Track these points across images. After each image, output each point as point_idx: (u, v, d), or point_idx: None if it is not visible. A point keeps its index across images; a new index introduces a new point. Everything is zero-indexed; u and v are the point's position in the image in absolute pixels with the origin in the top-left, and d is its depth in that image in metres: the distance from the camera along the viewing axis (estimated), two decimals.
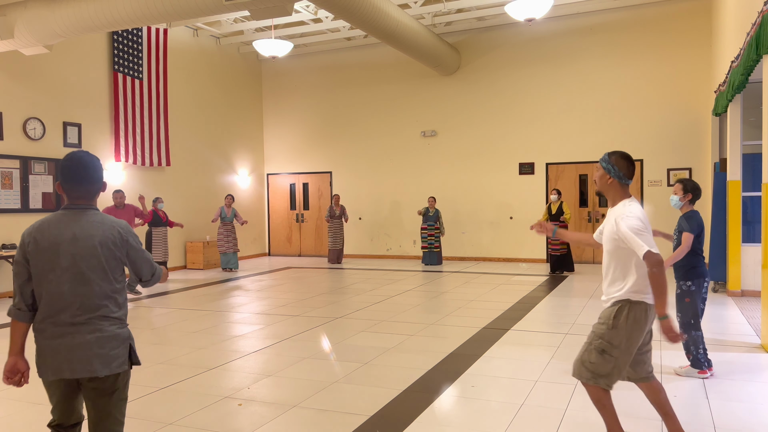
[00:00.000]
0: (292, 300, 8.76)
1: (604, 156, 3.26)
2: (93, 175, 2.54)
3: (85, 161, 2.53)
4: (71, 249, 2.45)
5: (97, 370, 2.45)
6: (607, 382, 3.15)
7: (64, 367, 2.44)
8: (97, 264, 2.47)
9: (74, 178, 2.51)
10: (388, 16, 10.18)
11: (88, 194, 2.55)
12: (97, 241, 2.47)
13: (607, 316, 3.18)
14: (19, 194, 9.74)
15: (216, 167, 14.22)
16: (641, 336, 3.15)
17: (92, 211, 2.55)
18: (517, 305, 7.99)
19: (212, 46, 14.14)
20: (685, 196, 4.76)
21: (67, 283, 2.44)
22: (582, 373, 3.21)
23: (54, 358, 2.45)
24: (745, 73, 6.69)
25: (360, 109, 14.76)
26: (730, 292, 8.52)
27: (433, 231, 12.71)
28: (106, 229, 2.51)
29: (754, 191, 8.71)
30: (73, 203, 2.54)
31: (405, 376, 4.87)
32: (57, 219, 2.50)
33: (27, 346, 2.56)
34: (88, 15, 8.58)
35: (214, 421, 3.96)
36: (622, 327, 3.11)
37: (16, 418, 4.12)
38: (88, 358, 2.44)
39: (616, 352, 3.12)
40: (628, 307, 3.11)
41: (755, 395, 4.36)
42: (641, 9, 12.16)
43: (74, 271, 2.44)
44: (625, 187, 3.21)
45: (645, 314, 3.12)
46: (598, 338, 3.18)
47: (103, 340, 2.47)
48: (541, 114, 13.03)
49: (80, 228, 2.48)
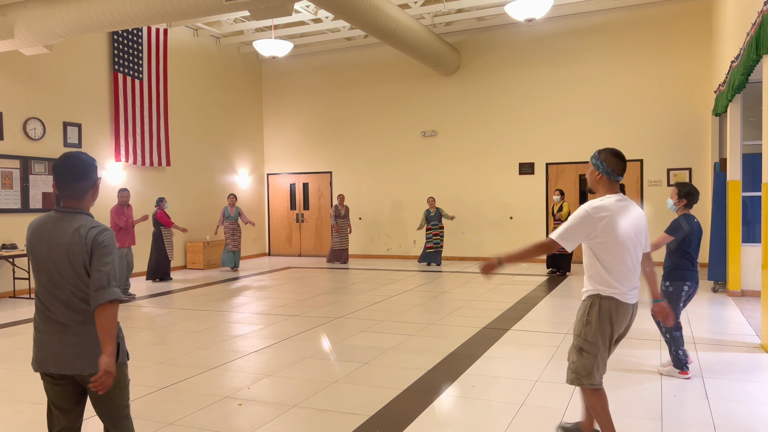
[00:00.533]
0: (292, 300, 8.77)
1: (594, 153, 3.29)
2: (78, 174, 2.52)
3: (72, 160, 2.52)
4: (47, 253, 2.50)
5: (79, 368, 2.51)
6: (591, 381, 3.17)
7: (50, 362, 2.52)
8: (66, 270, 2.48)
9: (61, 177, 2.53)
10: (388, 16, 10.19)
11: (74, 194, 2.54)
12: (65, 249, 2.48)
13: (581, 312, 3.23)
14: (19, 194, 9.74)
15: (216, 167, 14.23)
16: (613, 331, 3.16)
17: (75, 215, 2.53)
18: (517, 305, 7.99)
19: (212, 46, 14.14)
20: (679, 201, 4.80)
21: (47, 285, 2.51)
22: (568, 375, 3.27)
23: (41, 351, 2.54)
24: (745, 73, 6.69)
25: (360, 109, 14.77)
26: (730, 292, 8.52)
27: (437, 231, 12.70)
28: (77, 236, 2.48)
29: (754, 191, 8.71)
30: (64, 205, 2.56)
31: (405, 376, 4.87)
32: (43, 221, 2.56)
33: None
34: (88, 15, 8.58)
35: (214, 421, 3.96)
36: (594, 322, 3.15)
37: (16, 418, 4.12)
38: (72, 356, 2.51)
39: (593, 349, 3.15)
40: (599, 301, 3.15)
41: (755, 395, 4.36)
42: (641, 9, 12.16)
43: (50, 274, 2.50)
44: (614, 183, 3.22)
45: (617, 310, 3.12)
46: (576, 336, 3.24)
47: (87, 341, 2.52)
48: (541, 114, 13.03)
49: (56, 233, 2.50)
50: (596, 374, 3.17)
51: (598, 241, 3.10)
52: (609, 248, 3.09)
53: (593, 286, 3.17)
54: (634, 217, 3.18)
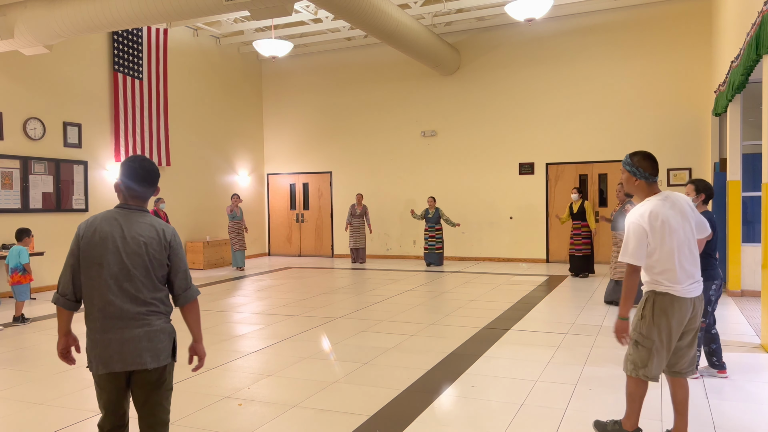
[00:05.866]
0: (292, 300, 8.77)
1: (625, 159, 3.34)
2: (154, 179, 2.70)
3: (152, 166, 2.70)
4: (119, 245, 2.56)
5: (147, 362, 2.56)
6: (645, 373, 3.24)
7: (115, 359, 2.54)
8: (141, 262, 2.57)
9: (140, 180, 2.65)
10: (388, 16, 10.18)
11: (145, 194, 2.69)
12: (143, 240, 2.59)
13: (639, 307, 3.32)
14: (19, 194, 9.74)
15: (216, 167, 14.23)
16: (671, 327, 3.20)
17: (142, 212, 2.67)
18: (517, 305, 7.99)
19: (212, 46, 14.14)
20: (698, 196, 4.73)
21: (114, 278, 2.55)
22: (626, 365, 3.36)
23: (105, 350, 2.55)
24: (745, 73, 6.69)
25: (360, 109, 14.76)
26: (730, 292, 8.52)
27: (434, 232, 12.67)
28: (154, 230, 2.63)
29: (754, 191, 8.72)
30: (126, 203, 2.67)
31: (405, 376, 4.87)
32: (110, 216, 2.63)
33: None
34: (88, 15, 8.58)
35: (214, 421, 3.96)
36: (648, 317, 3.23)
37: (16, 418, 4.12)
38: (138, 351, 2.55)
39: (648, 343, 3.23)
40: (654, 297, 3.23)
41: (755, 395, 4.36)
42: (641, 9, 12.16)
43: (121, 267, 2.55)
44: (653, 185, 3.29)
45: (671, 305, 3.18)
46: (633, 329, 3.31)
47: (151, 333, 2.58)
48: (541, 114, 13.03)
49: (129, 226, 2.60)
50: (652, 367, 3.24)
51: (651, 247, 3.17)
52: (660, 250, 3.16)
53: (649, 282, 3.26)
54: (682, 212, 3.23)
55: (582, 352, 5.51)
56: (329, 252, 15.32)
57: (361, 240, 13.55)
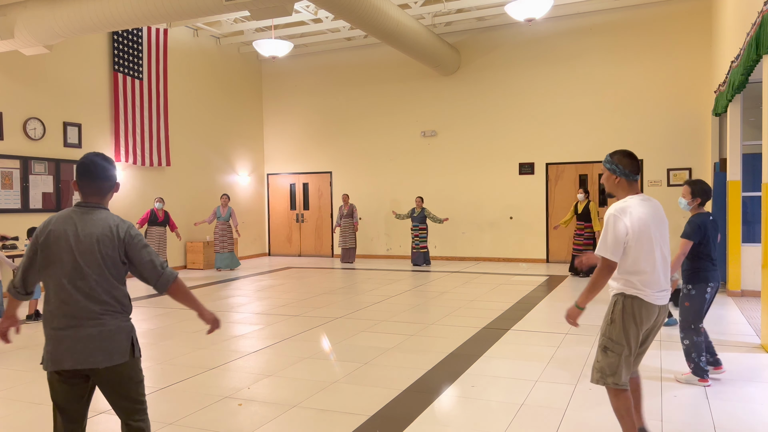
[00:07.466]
0: (292, 300, 8.77)
1: (606, 157, 3.31)
2: (104, 173, 2.67)
3: (99, 160, 2.68)
4: (72, 244, 2.56)
5: (98, 361, 2.54)
6: (615, 381, 3.14)
7: (66, 358, 2.53)
8: (95, 261, 2.56)
9: (87, 175, 2.65)
10: (388, 16, 10.18)
11: (99, 191, 2.67)
12: (95, 238, 2.57)
13: (607, 310, 3.25)
14: (19, 194, 9.74)
15: (216, 167, 14.22)
16: (638, 330, 3.14)
17: (99, 210, 2.66)
18: (517, 305, 7.99)
19: (212, 46, 14.14)
20: (693, 200, 4.67)
21: (68, 276, 2.54)
22: (593, 374, 3.23)
23: (56, 348, 2.54)
24: (745, 73, 6.69)
25: (360, 109, 14.76)
26: (730, 292, 8.52)
27: (417, 231, 12.71)
28: (108, 228, 2.60)
29: (754, 191, 8.71)
30: (84, 201, 2.67)
31: (405, 376, 4.87)
32: (66, 215, 2.64)
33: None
34: (88, 15, 8.58)
35: (214, 421, 3.96)
36: (618, 321, 3.15)
37: (16, 418, 4.12)
38: (90, 350, 2.53)
39: (618, 348, 3.14)
40: (623, 300, 3.15)
41: (755, 395, 4.36)
42: (641, 9, 12.16)
43: (74, 266, 2.55)
44: (633, 183, 3.26)
45: (640, 309, 3.11)
46: (601, 335, 3.24)
47: (105, 333, 2.56)
48: (541, 114, 13.02)
49: (83, 225, 2.59)
50: (621, 374, 3.13)
51: (628, 244, 3.08)
52: (637, 249, 3.08)
53: (618, 285, 3.18)
54: (660, 217, 3.20)
55: (582, 352, 5.51)
56: (329, 252, 15.32)
57: (351, 240, 13.56)
